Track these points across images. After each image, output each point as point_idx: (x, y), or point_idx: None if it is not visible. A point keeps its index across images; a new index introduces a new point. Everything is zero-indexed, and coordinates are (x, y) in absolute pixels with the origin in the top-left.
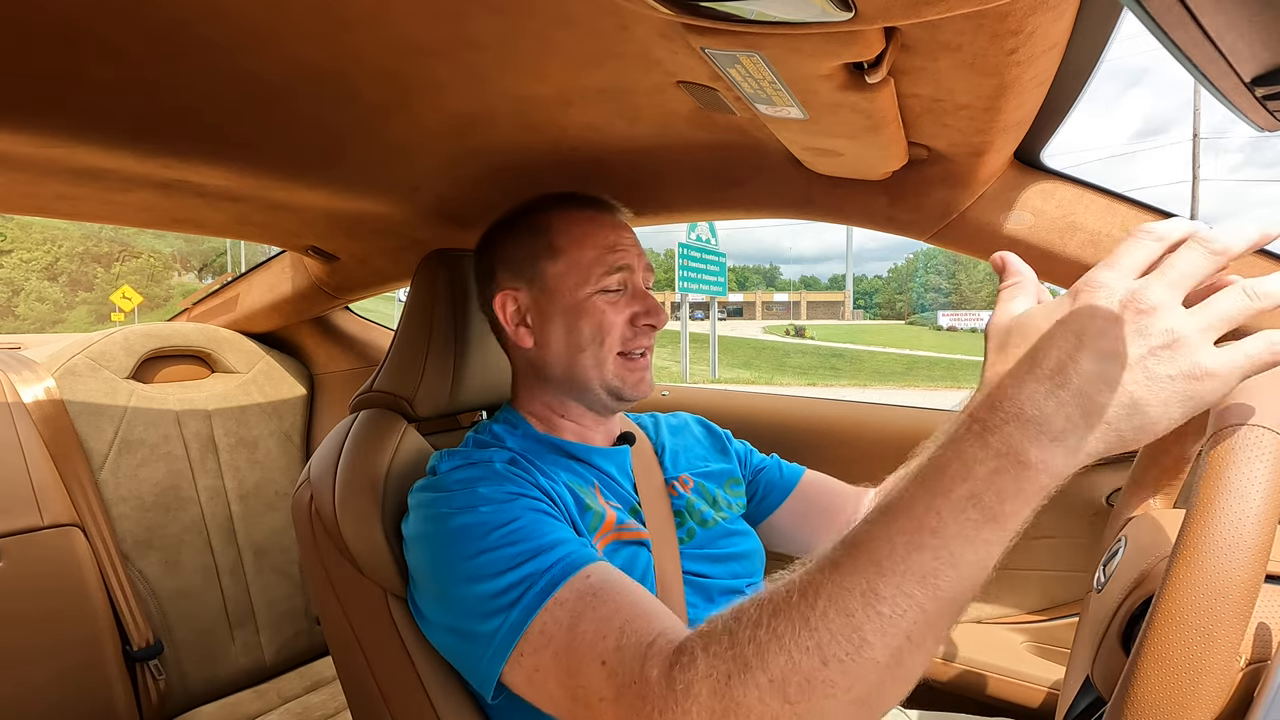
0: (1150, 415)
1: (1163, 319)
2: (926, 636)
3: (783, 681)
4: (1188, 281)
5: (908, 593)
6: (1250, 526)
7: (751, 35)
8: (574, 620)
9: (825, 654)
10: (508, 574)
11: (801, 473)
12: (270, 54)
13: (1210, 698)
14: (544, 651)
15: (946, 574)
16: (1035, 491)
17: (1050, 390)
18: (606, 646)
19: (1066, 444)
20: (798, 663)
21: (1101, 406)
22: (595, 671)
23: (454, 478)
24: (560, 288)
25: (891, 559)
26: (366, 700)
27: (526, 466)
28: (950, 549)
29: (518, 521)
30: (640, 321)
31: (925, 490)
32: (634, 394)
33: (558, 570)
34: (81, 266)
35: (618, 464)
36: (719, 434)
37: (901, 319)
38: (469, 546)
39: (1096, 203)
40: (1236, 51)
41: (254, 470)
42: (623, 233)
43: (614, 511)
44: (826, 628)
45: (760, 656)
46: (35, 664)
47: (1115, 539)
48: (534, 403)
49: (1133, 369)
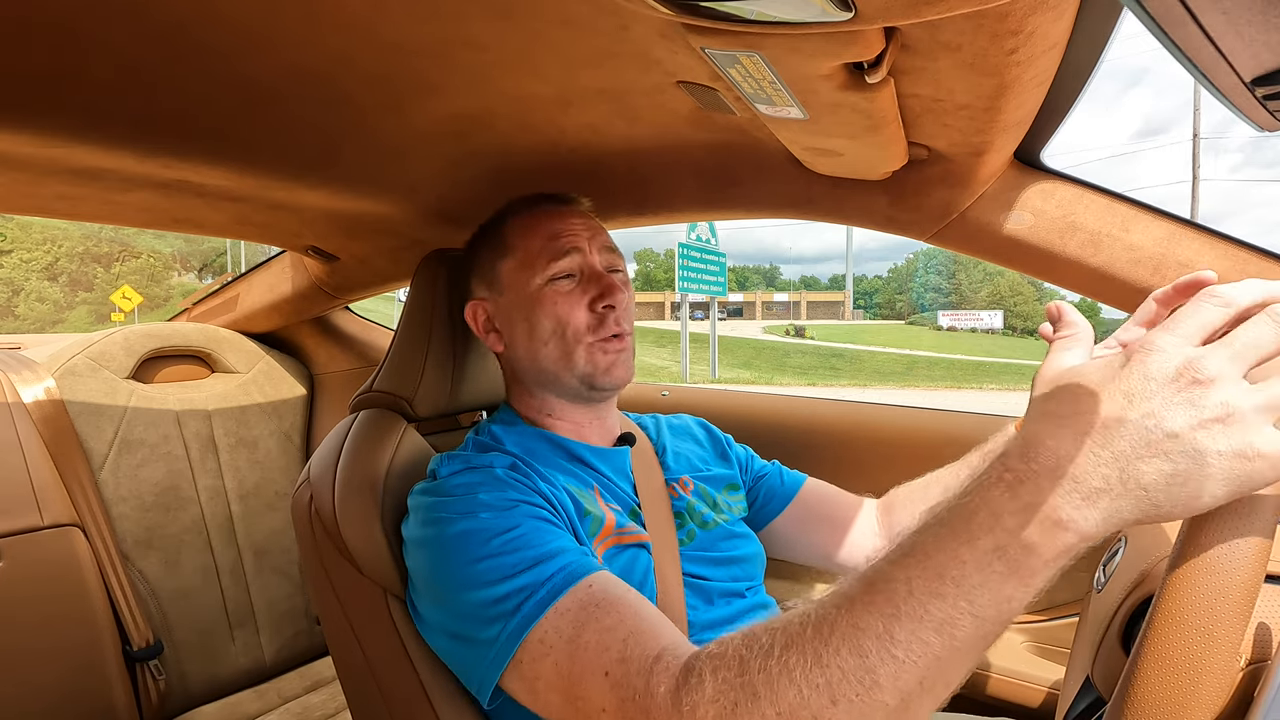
0: (1191, 490)
1: (1219, 392)
2: (937, 683)
3: (790, 716)
4: (1252, 354)
5: (924, 639)
6: (1251, 527)
7: (751, 35)
8: (576, 630)
9: (835, 693)
10: (508, 581)
11: (803, 481)
12: (266, 58)
13: (1210, 698)
14: (544, 660)
15: (964, 624)
16: (1062, 550)
17: (1090, 449)
18: (610, 658)
19: (1099, 506)
20: (807, 699)
21: (1141, 474)
22: (597, 682)
23: (454, 483)
24: (514, 284)
25: (909, 603)
26: (366, 700)
27: (527, 471)
28: (971, 599)
29: (519, 529)
30: (599, 305)
31: (950, 537)
32: (607, 381)
33: (559, 579)
34: (81, 266)
35: (616, 465)
36: (720, 438)
37: (901, 319)
38: (469, 553)
39: (1096, 203)
40: (1236, 51)
41: (254, 470)
42: (570, 219)
43: (613, 515)
44: (838, 666)
45: (770, 688)
46: (35, 664)
47: (1115, 539)
48: (522, 403)
49: (1180, 440)
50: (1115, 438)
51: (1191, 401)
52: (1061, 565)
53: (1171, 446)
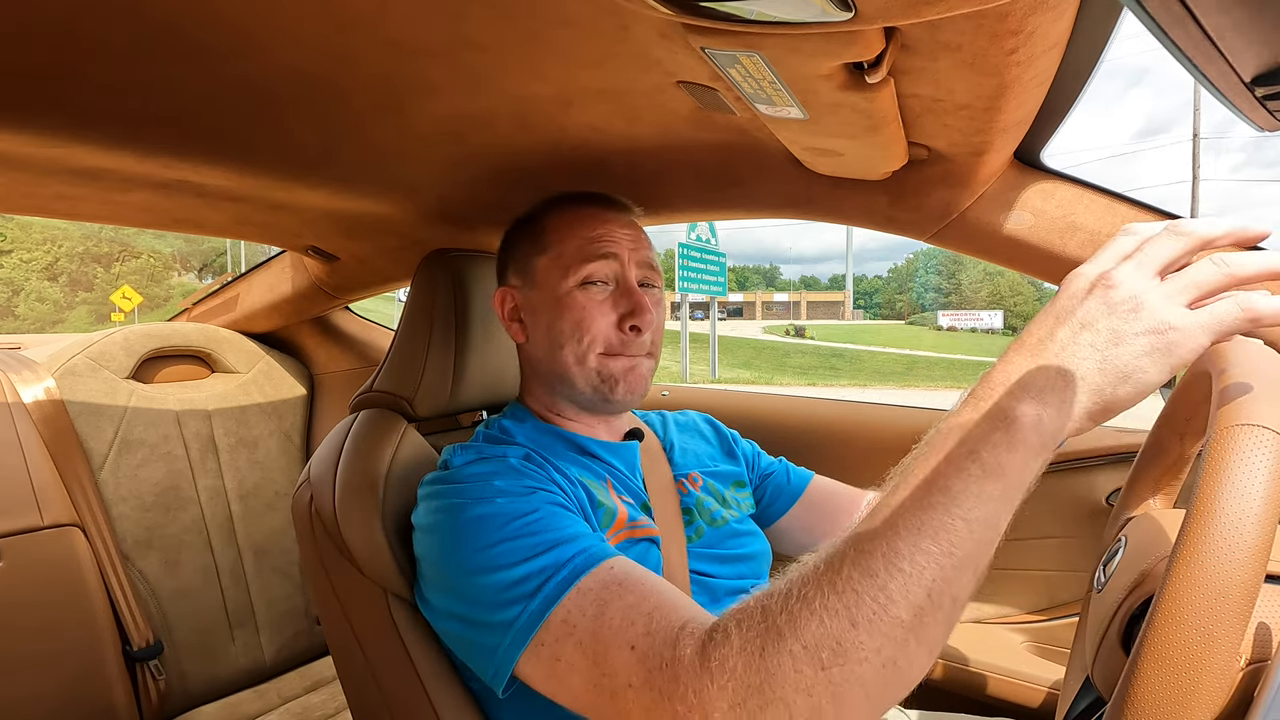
0: (1124, 371)
1: (1127, 288)
2: (944, 595)
3: (815, 647)
4: (1156, 262)
5: (924, 549)
6: (1250, 526)
7: (751, 35)
8: (600, 608)
9: (854, 615)
10: (527, 563)
11: (809, 479)
12: (266, 58)
13: (1210, 698)
14: (567, 641)
15: (958, 529)
16: (1031, 446)
17: (1030, 359)
18: (635, 632)
19: (1049, 401)
20: (828, 626)
21: (1078, 367)
22: (624, 657)
23: (468, 471)
24: (546, 281)
25: (905, 518)
26: (366, 700)
27: (540, 462)
28: (958, 504)
29: (536, 514)
30: (626, 324)
31: (931, 454)
32: (617, 397)
33: (580, 561)
34: (81, 266)
35: (626, 459)
36: (726, 435)
37: (901, 319)
38: (485, 537)
39: (1096, 203)
40: (1236, 51)
41: (254, 470)
42: (614, 225)
43: (625, 508)
44: (852, 589)
45: (793, 625)
46: (35, 665)
47: (1115, 539)
48: (535, 399)
49: (1101, 333)
50: (1049, 345)
51: (1105, 301)
52: (1035, 463)
53: (1096, 339)
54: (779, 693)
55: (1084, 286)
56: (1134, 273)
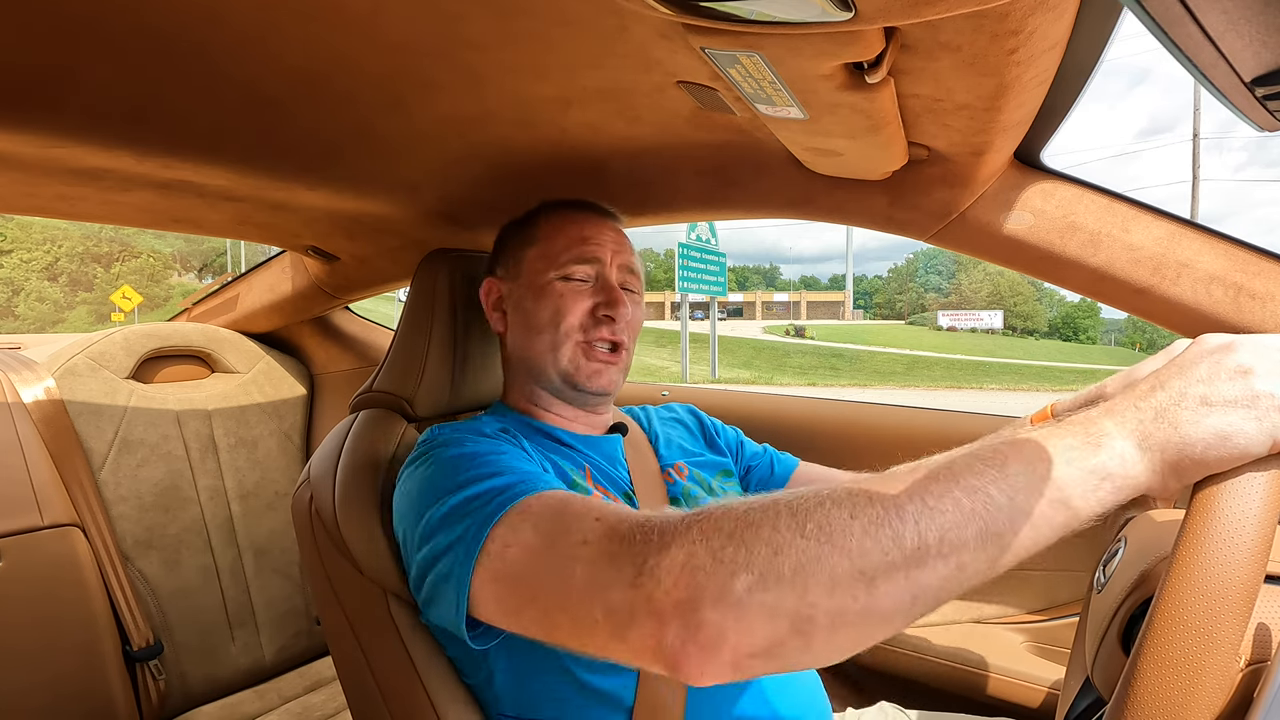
0: (1218, 427)
1: (1240, 356)
2: (952, 553)
3: (804, 515)
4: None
5: (954, 497)
6: (1250, 527)
7: (751, 35)
8: (561, 505)
9: (855, 510)
10: (488, 481)
11: (794, 467)
12: (266, 59)
13: (1210, 699)
14: (523, 527)
15: (998, 502)
16: (1105, 464)
17: (1135, 401)
18: (598, 510)
19: (1143, 446)
20: (827, 510)
21: (1175, 412)
22: (588, 525)
23: (441, 436)
24: (531, 271)
25: (946, 472)
26: (366, 700)
27: (515, 436)
28: (1011, 484)
29: (505, 455)
30: (600, 311)
31: (998, 439)
32: (589, 385)
33: (540, 483)
34: (81, 266)
35: (607, 452)
36: (709, 425)
37: (901, 319)
38: (454, 475)
39: (1096, 203)
40: (1236, 51)
41: (254, 470)
42: (603, 230)
43: (601, 495)
44: (866, 493)
45: (793, 501)
46: (35, 664)
47: (1115, 539)
48: (514, 394)
49: (1198, 386)
50: (1157, 392)
51: (1217, 363)
52: (1100, 492)
53: (1192, 391)
54: (746, 538)
55: (1202, 346)
56: (1250, 345)
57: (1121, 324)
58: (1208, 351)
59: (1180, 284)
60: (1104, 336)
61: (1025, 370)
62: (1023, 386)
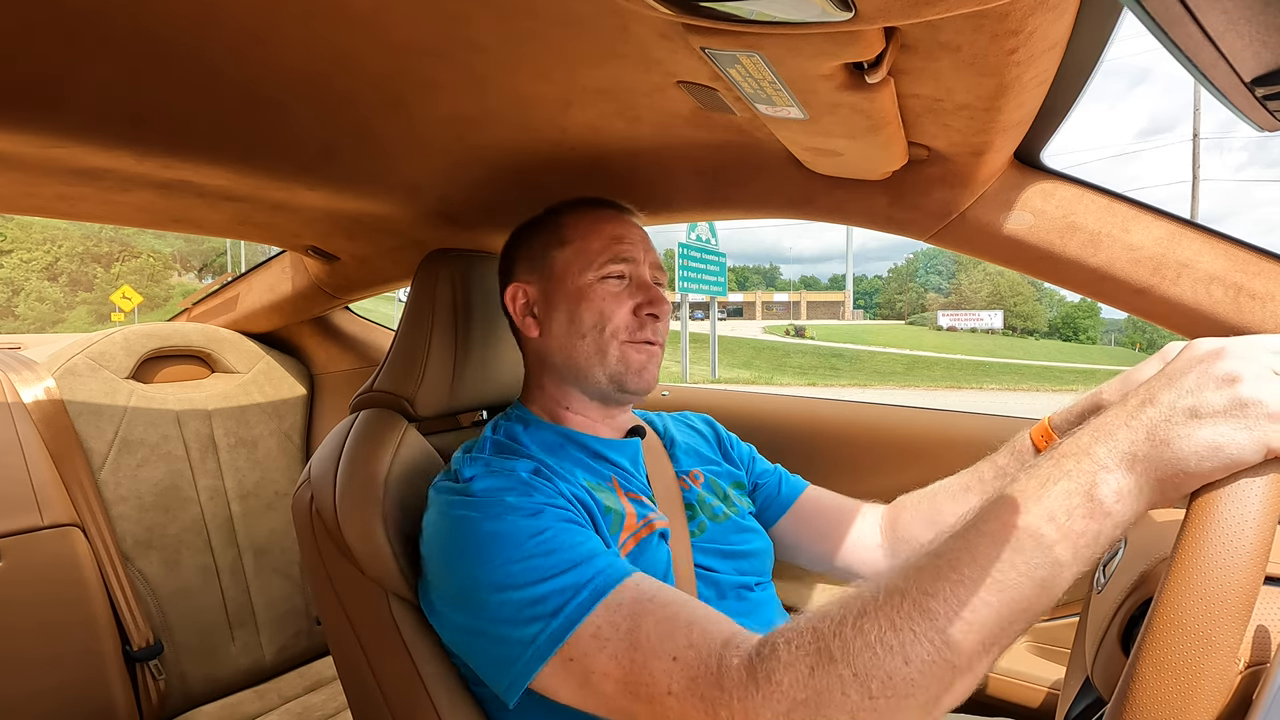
0: (1209, 439)
1: (1228, 363)
2: (997, 644)
3: (866, 677)
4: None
5: (987, 601)
6: (1249, 529)
7: (751, 35)
8: (633, 622)
9: (908, 654)
10: (546, 583)
11: (800, 490)
12: (266, 58)
13: (1209, 701)
14: (599, 654)
15: (1024, 587)
16: (1112, 518)
17: (1126, 420)
18: (676, 644)
19: (1137, 472)
20: (882, 661)
21: (1172, 440)
22: (665, 666)
23: (479, 486)
24: (566, 274)
25: (972, 568)
26: (367, 700)
27: (549, 475)
28: (1028, 562)
29: (549, 531)
30: (643, 311)
31: (1005, 506)
32: (636, 384)
33: (600, 581)
34: (81, 266)
35: (629, 456)
36: (725, 437)
37: (901, 319)
38: (500, 555)
39: (1096, 203)
40: (1236, 51)
41: (254, 470)
42: (631, 229)
43: (632, 505)
44: (910, 629)
45: (845, 651)
46: (35, 665)
47: (1116, 540)
48: (542, 396)
49: (1186, 398)
50: (1149, 410)
51: (1205, 371)
52: (1107, 534)
53: (1180, 402)
54: (824, 711)
55: (1192, 352)
56: (1244, 349)
57: (1121, 324)
58: (1197, 360)
59: (1180, 284)
60: (1104, 336)
61: (1025, 370)
62: (1023, 386)
